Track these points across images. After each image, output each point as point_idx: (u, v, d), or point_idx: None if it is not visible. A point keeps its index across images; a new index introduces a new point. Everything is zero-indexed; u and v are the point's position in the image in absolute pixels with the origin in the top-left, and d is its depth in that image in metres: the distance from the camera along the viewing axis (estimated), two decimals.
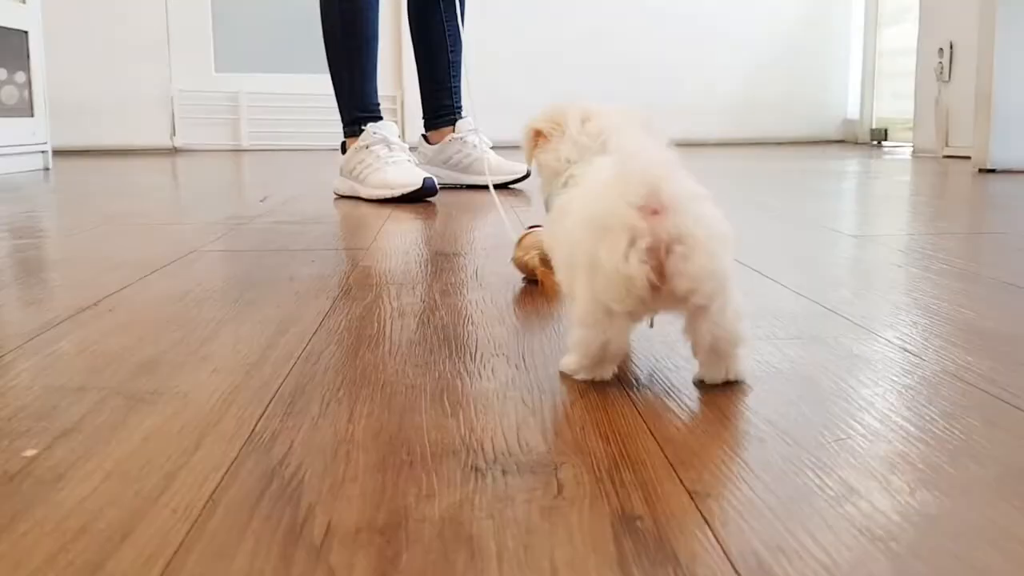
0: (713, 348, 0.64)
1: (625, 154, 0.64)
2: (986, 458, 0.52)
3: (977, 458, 0.52)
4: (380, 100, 2.20)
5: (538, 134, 0.83)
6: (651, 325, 0.71)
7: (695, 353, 0.66)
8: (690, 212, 0.61)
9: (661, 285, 0.60)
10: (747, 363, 0.66)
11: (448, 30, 2.33)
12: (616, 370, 0.67)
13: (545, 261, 0.94)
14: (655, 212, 0.60)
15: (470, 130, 2.33)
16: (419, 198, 1.99)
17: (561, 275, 0.73)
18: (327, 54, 2.18)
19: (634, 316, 0.64)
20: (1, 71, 2.91)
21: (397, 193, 1.99)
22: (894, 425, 0.57)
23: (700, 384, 0.66)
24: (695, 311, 0.63)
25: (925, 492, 0.48)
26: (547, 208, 0.82)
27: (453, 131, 2.33)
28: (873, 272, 1.13)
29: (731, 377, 0.66)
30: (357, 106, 2.15)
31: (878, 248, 1.29)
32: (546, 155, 0.81)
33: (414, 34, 2.38)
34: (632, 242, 0.60)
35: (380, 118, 2.15)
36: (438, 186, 2.04)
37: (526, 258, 1.02)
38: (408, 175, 2.01)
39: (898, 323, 0.84)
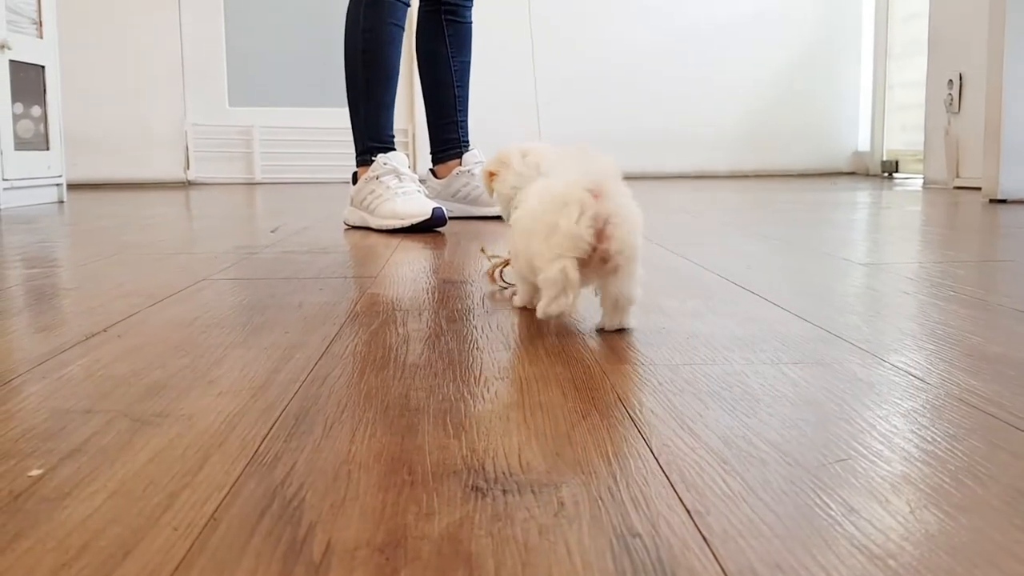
0: (616, 303, 0.90)
1: (580, 161, 0.90)
2: (988, 479, 0.52)
3: (979, 479, 0.52)
4: (394, 132, 2.23)
5: (491, 173, 1.12)
6: (596, 294, 0.94)
7: (602, 304, 0.92)
8: (619, 200, 0.88)
9: (598, 245, 0.86)
10: (634, 318, 0.92)
11: (454, 66, 2.36)
12: (573, 306, 0.89)
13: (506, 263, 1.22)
14: (597, 196, 0.86)
15: (477, 163, 2.35)
16: (428, 228, 2.00)
17: (515, 262, 1.02)
18: (347, 82, 2.20)
19: (577, 263, 0.87)
20: (18, 105, 2.95)
21: (407, 223, 2.00)
22: (896, 447, 0.57)
23: (600, 331, 0.92)
24: (613, 272, 0.88)
25: (926, 512, 0.47)
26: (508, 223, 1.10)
27: (459, 164, 2.36)
28: (881, 299, 1.13)
29: (622, 326, 0.92)
30: (371, 136, 2.17)
31: (887, 276, 1.29)
32: (500, 185, 1.11)
33: (421, 70, 2.41)
34: (582, 213, 0.86)
35: (393, 149, 2.17)
36: (448, 217, 2.06)
37: (491, 259, 1.27)
38: (418, 205, 2.02)
39: (904, 348, 0.84)
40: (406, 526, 0.47)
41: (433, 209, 2.00)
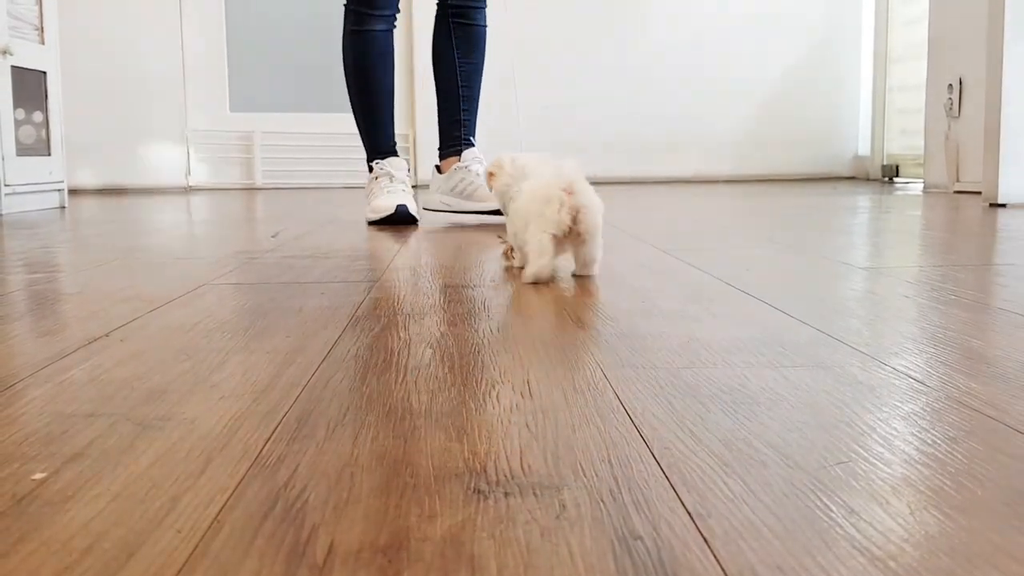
0: (584, 262, 1.32)
1: (556, 168, 1.29)
2: (988, 481, 0.52)
3: (979, 481, 0.52)
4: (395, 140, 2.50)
5: (491, 173, 1.50)
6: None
7: (575, 261, 1.33)
8: (586, 195, 1.28)
9: (572, 227, 1.26)
10: (598, 267, 1.33)
11: (460, 67, 2.46)
12: (549, 268, 1.28)
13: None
14: (570, 193, 1.26)
15: (475, 159, 2.45)
16: (399, 222, 2.30)
17: (513, 240, 1.42)
18: (349, 99, 2.45)
19: (555, 240, 1.27)
20: (19, 111, 2.96)
21: (377, 217, 2.33)
22: (896, 449, 0.57)
23: (573, 275, 1.34)
24: (582, 243, 1.29)
25: (926, 513, 0.48)
26: (504, 212, 1.48)
27: (459, 160, 2.45)
28: (881, 303, 1.13)
29: (590, 274, 1.33)
30: (373, 147, 2.44)
31: (887, 280, 1.29)
32: (497, 183, 1.49)
33: (433, 68, 2.53)
34: (561, 205, 1.25)
35: (394, 155, 2.43)
36: (452, 213, 2.39)
37: (506, 242, 1.54)
38: (390, 201, 2.31)
39: (904, 352, 0.84)
40: (408, 528, 0.47)
41: (397, 206, 2.29)
